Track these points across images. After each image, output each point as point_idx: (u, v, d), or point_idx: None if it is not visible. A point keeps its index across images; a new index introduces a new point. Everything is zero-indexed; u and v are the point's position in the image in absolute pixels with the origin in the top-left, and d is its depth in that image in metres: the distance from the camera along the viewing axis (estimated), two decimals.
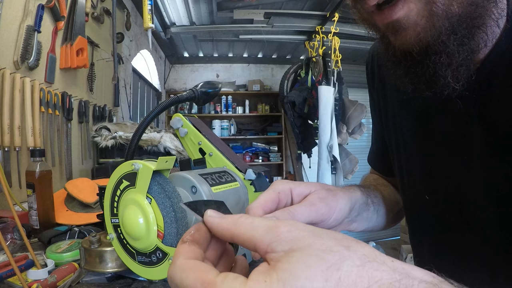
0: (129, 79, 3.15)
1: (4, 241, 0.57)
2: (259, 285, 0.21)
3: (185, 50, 5.08)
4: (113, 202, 0.58)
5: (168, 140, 1.78)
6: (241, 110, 5.39)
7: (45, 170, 0.92)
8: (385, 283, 0.21)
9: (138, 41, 3.28)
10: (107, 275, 0.63)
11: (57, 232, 0.84)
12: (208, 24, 3.95)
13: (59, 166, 1.60)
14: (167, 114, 5.17)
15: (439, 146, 0.50)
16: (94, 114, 2.03)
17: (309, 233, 0.23)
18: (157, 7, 3.35)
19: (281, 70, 5.03)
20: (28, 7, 1.32)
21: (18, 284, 0.59)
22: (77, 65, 1.67)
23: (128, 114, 3.00)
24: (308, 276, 0.20)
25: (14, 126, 1.21)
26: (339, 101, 3.34)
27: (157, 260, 0.53)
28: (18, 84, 1.23)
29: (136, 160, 0.54)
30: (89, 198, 1.07)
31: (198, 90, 0.73)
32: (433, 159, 0.51)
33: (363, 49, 4.13)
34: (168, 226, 0.52)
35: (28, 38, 1.31)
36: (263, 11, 3.56)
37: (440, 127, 0.49)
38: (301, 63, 4.01)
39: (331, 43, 3.45)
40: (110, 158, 1.83)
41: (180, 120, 0.75)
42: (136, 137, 0.67)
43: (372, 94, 0.68)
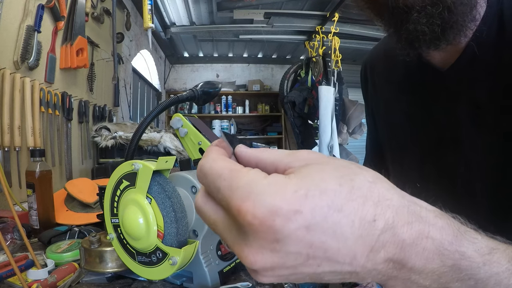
0: (129, 79, 3.15)
1: (4, 241, 0.57)
2: (280, 178, 0.22)
3: (185, 50, 5.08)
4: (113, 202, 0.58)
5: (168, 140, 1.78)
6: (241, 110, 5.39)
7: (45, 170, 0.92)
8: (395, 204, 0.22)
9: (138, 41, 3.28)
10: (107, 275, 0.63)
11: (57, 232, 0.84)
12: (208, 24, 3.95)
13: (59, 166, 1.60)
14: (167, 114, 5.17)
15: (430, 131, 0.52)
16: (94, 114, 2.03)
17: (324, 156, 0.25)
18: (157, 7, 3.35)
19: (281, 70, 5.03)
20: (28, 7, 1.32)
21: (18, 284, 0.59)
22: (77, 65, 1.67)
23: (128, 114, 3.00)
24: (323, 178, 0.22)
25: (14, 126, 1.21)
26: (339, 101, 3.34)
27: (157, 260, 0.53)
28: (18, 84, 1.23)
29: (136, 160, 0.54)
30: (89, 198, 1.07)
31: (198, 90, 0.73)
32: (425, 144, 0.54)
33: (363, 49, 4.13)
34: (168, 226, 0.52)
35: (28, 38, 1.31)
36: (263, 11, 3.56)
37: (430, 114, 0.52)
38: (301, 63, 4.01)
39: (331, 43, 3.45)
40: (110, 158, 1.83)
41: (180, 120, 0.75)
42: (136, 137, 0.67)
43: (366, 100, 0.72)
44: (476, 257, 0.23)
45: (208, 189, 0.24)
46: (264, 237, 0.21)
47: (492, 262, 0.24)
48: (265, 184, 0.21)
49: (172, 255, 0.51)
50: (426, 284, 0.23)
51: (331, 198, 0.21)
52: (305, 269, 0.22)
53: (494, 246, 0.25)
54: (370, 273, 0.23)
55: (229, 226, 0.23)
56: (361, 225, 0.21)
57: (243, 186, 0.22)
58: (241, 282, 0.60)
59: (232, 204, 0.22)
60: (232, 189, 0.22)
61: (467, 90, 0.46)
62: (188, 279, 0.61)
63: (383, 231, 0.21)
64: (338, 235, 0.21)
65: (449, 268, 0.23)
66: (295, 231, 0.21)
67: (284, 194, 0.21)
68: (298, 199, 0.21)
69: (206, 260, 0.59)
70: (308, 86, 3.67)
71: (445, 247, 0.23)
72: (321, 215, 0.21)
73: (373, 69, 0.69)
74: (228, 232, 0.23)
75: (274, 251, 0.21)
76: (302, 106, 3.63)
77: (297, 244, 0.21)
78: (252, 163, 0.26)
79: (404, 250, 0.22)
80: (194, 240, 0.55)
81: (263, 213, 0.20)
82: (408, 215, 0.22)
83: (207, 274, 0.58)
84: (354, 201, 0.21)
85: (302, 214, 0.20)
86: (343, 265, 0.22)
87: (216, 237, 0.63)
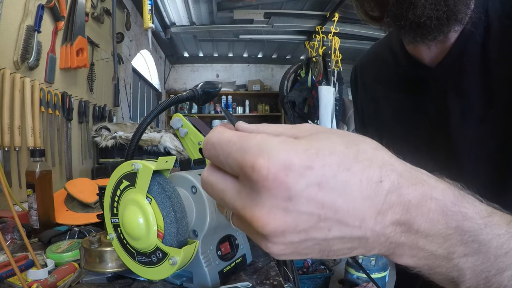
0: (129, 79, 3.15)
1: (4, 241, 0.57)
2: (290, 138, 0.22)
3: (185, 50, 5.08)
4: (113, 202, 0.58)
5: (168, 140, 1.78)
6: (241, 110, 5.39)
7: (45, 170, 0.92)
8: (398, 168, 0.23)
9: (138, 41, 3.28)
10: (107, 275, 0.63)
11: (57, 232, 0.84)
12: (208, 24, 3.95)
13: (59, 166, 1.60)
14: (167, 114, 5.17)
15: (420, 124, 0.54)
16: (94, 114, 2.03)
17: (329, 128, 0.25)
18: (157, 7, 3.35)
19: (281, 70, 5.03)
20: (28, 7, 1.32)
21: (18, 284, 0.59)
22: (77, 65, 1.67)
23: (128, 114, 3.00)
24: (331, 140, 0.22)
25: (14, 126, 1.21)
26: (339, 101, 3.34)
27: (157, 260, 0.53)
28: (18, 84, 1.23)
29: (136, 160, 0.54)
30: (89, 198, 1.07)
31: (198, 90, 0.73)
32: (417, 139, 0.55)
33: (363, 49, 4.12)
34: (168, 226, 0.52)
35: (28, 38, 1.31)
36: (263, 11, 3.56)
37: (419, 106, 0.54)
38: (301, 63, 4.00)
39: (331, 43, 3.45)
40: (110, 158, 1.83)
41: (180, 120, 0.75)
42: (136, 137, 0.67)
43: (356, 102, 0.74)
44: (477, 219, 0.24)
45: (216, 160, 0.24)
46: (277, 194, 0.21)
47: (493, 224, 0.24)
48: (277, 142, 0.22)
49: (172, 255, 0.51)
50: (432, 249, 0.24)
51: (340, 158, 0.21)
52: (316, 234, 0.22)
53: (492, 210, 0.25)
54: (379, 239, 0.23)
55: (239, 190, 0.23)
56: (368, 185, 0.22)
57: (255, 145, 0.22)
58: (241, 282, 0.60)
59: (246, 162, 0.22)
60: (244, 149, 0.22)
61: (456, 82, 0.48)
62: (188, 279, 0.61)
63: (389, 191, 0.22)
64: (348, 194, 0.21)
65: (453, 230, 0.23)
66: (307, 187, 0.21)
67: (295, 151, 0.21)
68: (309, 156, 0.21)
69: (206, 260, 0.59)
70: (308, 86, 3.67)
71: (448, 208, 0.23)
72: (331, 172, 0.21)
73: (363, 71, 0.71)
74: (237, 197, 0.23)
75: (287, 211, 0.21)
76: (302, 106, 3.63)
77: (309, 203, 0.21)
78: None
79: (410, 211, 0.23)
80: (194, 240, 0.55)
81: (277, 167, 0.21)
82: (411, 179, 0.23)
83: (207, 274, 0.58)
84: (360, 162, 0.22)
85: (313, 170, 0.21)
86: (353, 228, 0.22)
87: (216, 237, 0.63)
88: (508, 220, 0.25)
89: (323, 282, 2.63)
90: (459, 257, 0.24)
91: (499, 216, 0.25)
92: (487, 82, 0.46)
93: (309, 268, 2.77)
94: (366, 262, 2.53)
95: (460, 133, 0.49)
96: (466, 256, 0.24)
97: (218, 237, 0.64)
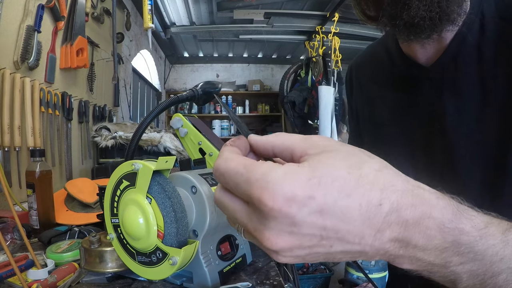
0: (129, 79, 3.15)
1: (4, 241, 0.57)
2: (294, 167, 0.24)
3: (185, 50, 5.08)
4: (113, 202, 0.58)
5: (168, 140, 1.78)
6: (241, 110, 5.39)
7: (45, 170, 0.92)
8: (400, 189, 0.24)
9: (138, 41, 3.28)
10: (107, 275, 0.63)
11: (57, 232, 0.84)
12: (208, 24, 3.95)
13: (59, 166, 1.60)
14: (167, 114, 5.17)
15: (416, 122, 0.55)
16: (94, 114, 2.03)
17: (337, 142, 0.27)
18: (157, 7, 3.35)
19: (281, 70, 5.03)
20: (28, 7, 1.32)
21: (18, 284, 0.59)
22: (77, 65, 1.67)
23: (128, 114, 3.00)
24: (334, 166, 0.24)
25: (14, 126, 1.21)
26: (339, 101, 3.34)
27: (157, 260, 0.53)
28: (18, 84, 1.23)
29: (136, 160, 0.54)
30: (89, 198, 1.07)
31: (198, 90, 0.73)
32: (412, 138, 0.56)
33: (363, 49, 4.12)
34: (168, 226, 0.52)
35: (28, 38, 1.31)
36: (263, 11, 3.56)
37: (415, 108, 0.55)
38: (301, 63, 4.01)
39: (331, 43, 3.45)
40: (110, 158, 1.83)
41: (180, 120, 0.75)
42: (136, 137, 0.67)
43: (350, 102, 0.75)
44: (473, 232, 0.25)
45: (227, 186, 0.27)
46: (283, 221, 0.23)
47: (488, 235, 0.26)
48: (280, 173, 0.24)
49: (172, 255, 0.51)
50: (430, 260, 0.26)
51: (341, 185, 0.23)
52: (319, 249, 0.25)
53: (489, 221, 0.27)
54: (378, 252, 0.25)
55: (249, 214, 0.26)
56: (368, 208, 0.23)
57: (260, 178, 0.24)
58: (241, 282, 0.60)
59: (253, 195, 0.24)
60: (251, 182, 0.24)
61: (451, 82, 0.49)
62: (188, 279, 0.61)
63: (389, 213, 0.24)
64: (348, 218, 0.23)
65: (450, 243, 0.25)
66: (310, 215, 0.23)
67: (298, 182, 0.23)
68: (311, 186, 0.23)
69: (206, 260, 0.59)
70: (308, 86, 3.67)
71: (445, 225, 0.25)
72: (332, 200, 0.23)
73: (358, 71, 0.71)
74: (248, 219, 0.26)
75: (292, 234, 0.24)
76: (302, 106, 3.63)
77: (312, 226, 0.23)
78: (268, 149, 0.29)
79: (408, 230, 0.24)
80: (194, 240, 0.55)
81: (281, 201, 0.23)
82: (413, 198, 0.24)
83: (207, 274, 0.58)
84: (361, 187, 0.23)
85: (315, 199, 0.23)
86: (353, 245, 0.24)
87: (216, 237, 0.63)
88: (503, 229, 0.27)
89: (323, 282, 2.63)
90: (455, 265, 0.26)
91: (495, 226, 0.26)
92: (482, 82, 0.47)
93: (309, 268, 2.77)
94: (366, 262, 2.53)
95: (456, 132, 0.50)
96: (462, 264, 0.26)
97: (218, 237, 0.64)
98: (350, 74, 0.74)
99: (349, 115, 0.79)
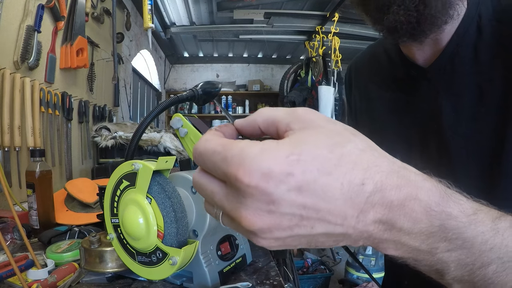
0: (129, 79, 3.15)
1: (4, 241, 0.57)
2: (272, 144, 0.23)
3: (185, 50, 5.08)
4: (113, 202, 0.58)
5: (168, 140, 1.78)
6: (241, 110, 5.39)
7: (45, 170, 0.92)
8: (384, 170, 0.23)
9: (138, 41, 3.28)
10: (107, 275, 0.63)
11: (57, 232, 0.84)
12: (208, 24, 3.95)
13: (59, 166, 1.60)
14: (167, 114, 5.17)
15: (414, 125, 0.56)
16: (94, 114, 2.03)
17: (322, 117, 0.26)
18: (157, 7, 3.35)
19: (281, 70, 5.03)
20: (28, 7, 1.32)
21: (18, 284, 0.59)
22: (77, 65, 1.67)
23: (128, 114, 3.00)
24: (315, 144, 0.23)
25: (14, 126, 1.21)
26: (339, 101, 3.34)
27: (157, 260, 0.53)
28: (18, 84, 1.23)
29: (136, 160, 0.54)
30: (89, 198, 1.07)
31: (198, 90, 0.73)
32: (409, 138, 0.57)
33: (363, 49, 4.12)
34: (168, 226, 0.52)
35: (28, 38, 1.31)
36: (263, 11, 3.56)
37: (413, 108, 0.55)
38: (301, 63, 4.00)
39: (331, 43, 3.45)
40: (110, 158, 1.83)
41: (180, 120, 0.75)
42: (136, 137, 0.67)
43: (349, 102, 0.75)
44: (462, 217, 0.25)
45: (205, 167, 0.26)
46: (260, 199, 0.22)
47: (477, 221, 0.25)
48: (257, 150, 0.23)
49: (172, 255, 0.51)
50: (415, 245, 0.25)
51: (321, 163, 0.22)
52: (300, 231, 0.24)
53: (478, 207, 0.26)
54: (362, 235, 0.24)
55: (226, 194, 0.25)
56: (350, 187, 0.22)
57: (236, 155, 0.23)
58: (241, 282, 0.60)
59: (229, 172, 0.23)
60: (227, 160, 0.23)
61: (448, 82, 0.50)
62: (188, 279, 0.61)
63: (372, 193, 0.23)
64: (329, 196, 0.22)
65: (437, 228, 0.24)
66: (288, 192, 0.22)
67: (275, 159, 0.22)
68: (289, 163, 0.22)
69: (206, 260, 0.59)
70: (308, 86, 3.67)
71: (432, 208, 0.24)
72: (312, 177, 0.22)
73: (357, 71, 0.72)
74: (225, 200, 0.25)
75: (270, 212, 0.23)
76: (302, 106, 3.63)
77: (291, 205, 0.22)
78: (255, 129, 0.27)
79: (392, 211, 0.23)
80: (194, 240, 0.55)
81: (257, 176, 0.22)
82: (398, 179, 0.24)
83: (207, 274, 0.58)
84: (343, 166, 0.23)
85: (293, 176, 0.22)
86: (335, 226, 0.23)
87: (216, 237, 0.63)
88: (493, 217, 0.26)
89: (323, 282, 2.63)
90: (442, 252, 0.25)
91: (484, 213, 0.26)
92: (478, 82, 0.47)
93: (309, 268, 2.77)
94: (366, 262, 2.53)
95: (452, 131, 0.50)
96: (449, 251, 0.25)
97: (218, 237, 0.64)
98: (350, 73, 0.75)
99: (347, 114, 0.79)
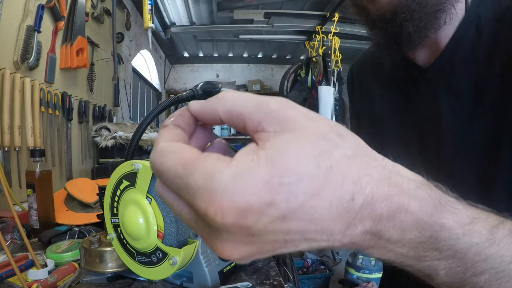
0: (129, 79, 3.15)
1: (4, 241, 0.57)
2: (245, 164, 0.19)
3: (185, 50, 5.07)
4: (113, 202, 0.58)
5: None
6: None
7: (45, 170, 0.92)
8: (375, 178, 0.21)
9: (138, 41, 3.28)
10: (107, 275, 0.63)
11: (57, 232, 0.84)
12: (208, 24, 3.95)
13: (59, 166, 1.60)
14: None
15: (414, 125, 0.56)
16: (94, 114, 2.03)
17: (301, 114, 0.22)
18: (157, 7, 3.35)
19: (281, 70, 5.03)
20: (28, 7, 1.32)
21: (18, 284, 0.59)
22: (77, 65, 1.67)
23: (128, 114, 3.00)
24: (299, 158, 0.19)
25: (14, 126, 1.21)
26: (339, 101, 3.34)
27: (157, 260, 0.53)
28: (18, 84, 1.23)
29: (136, 160, 0.54)
30: (89, 198, 1.07)
31: (198, 90, 0.73)
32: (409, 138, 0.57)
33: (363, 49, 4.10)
34: (168, 226, 0.52)
35: (28, 38, 1.31)
36: (263, 11, 3.56)
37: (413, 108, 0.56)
38: (301, 63, 4.00)
39: (331, 43, 3.45)
40: (110, 158, 1.83)
41: None
42: (136, 137, 0.67)
43: (352, 101, 0.76)
44: (456, 228, 0.23)
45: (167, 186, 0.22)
46: (238, 233, 0.20)
47: (473, 232, 0.24)
48: (228, 177, 0.19)
49: (172, 255, 0.51)
50: (403, 252, 0.24)
51: (307, 183, 0.19)
52: (283, 250, 0.22)
53: (475, 215, 0.25)
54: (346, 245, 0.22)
55: (196, 220, 0.21)
56: (339, 205, 0.20)
57: (202, 186, 0.19)
58: (241, 282, 0.60)
59: (196, 206, 0.20)
60: (193, 190, 0.19)
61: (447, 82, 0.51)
62: (188, 279, 0.61)
63: (362, 207, 0.21)
64: (316, 218, 0.20)
65: (427, 238, 0.23)
66: (270, 223, 0.19)
67: (253, 186, 0.18)
68: (270, 189, 0.19)
69: (206, 260, 0.59)
70: (308, 86, 3.67)
71: (424, 220, 0.23)
72: (297, 203, 0.19)
73: (359, 70, 0.73)
74: (196, 226, 0.22)
75: (251, 243, 0.20)
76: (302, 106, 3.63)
77: (274, 233, 0.20)
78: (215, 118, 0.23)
79: (381, 223, 0.22)
80: (194, 240, 0.55)
81: (232, 214, 0.19)
82: (389, 188, 0.22)
83: (207, 274, 0.58)
84: (331, 182, 0.20)
85: (276, 205, 0.19)
86: (320, 242, 0.21)
87: None
88: (491, 225, 0.25)
89: (323, 282, 2.63)
90: (431, 260, 0.24)
91: (481, 222, 0.24)
92: (476, 82, 0.48)
93: (309, 268, 2.77)
94: (366, 262, 2.53)
95: (451, 131, 0.51)
96: (439, 260, 0.24)
97: None
98: (351, 73, 0.76)
99: (350, 113, 0.80)
